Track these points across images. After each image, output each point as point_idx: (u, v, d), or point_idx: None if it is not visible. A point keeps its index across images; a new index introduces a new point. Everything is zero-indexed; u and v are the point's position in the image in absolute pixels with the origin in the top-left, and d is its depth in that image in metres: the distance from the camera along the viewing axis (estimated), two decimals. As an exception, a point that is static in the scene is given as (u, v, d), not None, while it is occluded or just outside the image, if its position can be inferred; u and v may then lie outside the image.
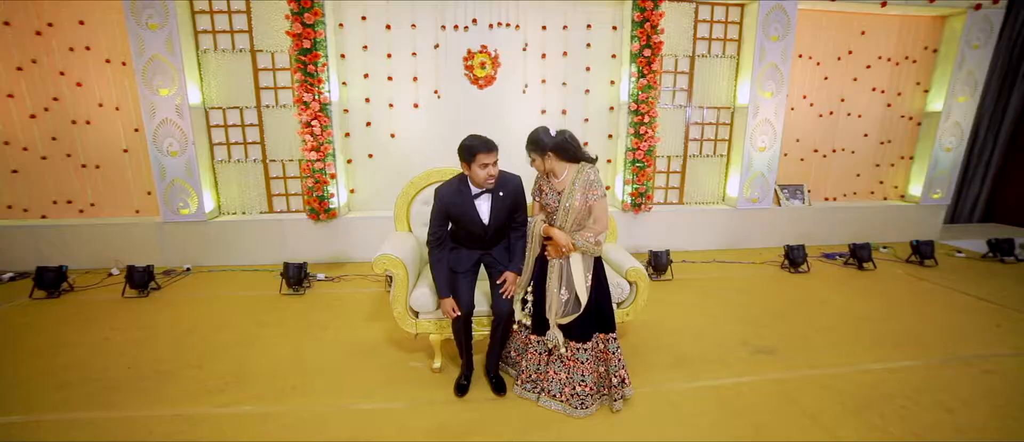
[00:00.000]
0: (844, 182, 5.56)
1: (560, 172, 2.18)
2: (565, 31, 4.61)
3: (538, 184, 2.30)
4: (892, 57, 5.24)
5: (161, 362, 2.70)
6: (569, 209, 2.14)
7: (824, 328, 3.22)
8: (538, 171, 2.25)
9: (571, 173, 2.17)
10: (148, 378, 2.54)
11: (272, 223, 4.38)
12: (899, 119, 5.44)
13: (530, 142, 2.16)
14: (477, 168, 2.12)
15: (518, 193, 2.33)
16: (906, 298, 3.81)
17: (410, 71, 4.44)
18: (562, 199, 2.16)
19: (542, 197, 2.26)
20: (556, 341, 2.24)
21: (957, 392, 2.50)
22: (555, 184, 2.21)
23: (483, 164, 2.11)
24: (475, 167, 2.12)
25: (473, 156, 2.11)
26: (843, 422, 2.22)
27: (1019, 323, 3.37)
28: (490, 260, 2.42)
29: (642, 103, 4.57)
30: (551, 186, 2.22)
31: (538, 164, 2.19)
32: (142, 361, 2.71)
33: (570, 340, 2.25)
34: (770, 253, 4.95)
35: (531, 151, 2.17)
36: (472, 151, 2.10)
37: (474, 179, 2.16)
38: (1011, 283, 4.20)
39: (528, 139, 2.17)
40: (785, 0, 4.58)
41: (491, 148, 2.11)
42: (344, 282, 4.00)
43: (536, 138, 2.14)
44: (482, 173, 2.12)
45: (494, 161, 2.13)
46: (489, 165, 2.11)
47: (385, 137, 4.55)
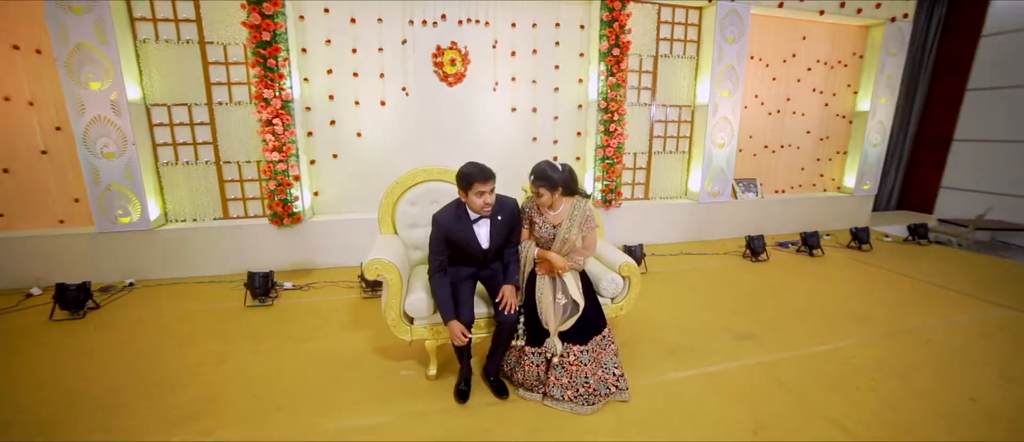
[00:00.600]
0: (791, 176, 6.00)
1: (558, 206, 2.28)
2: (534, 29, 4.61)
3: (529, 216, 2.35)
4: (828, 61, 5.72)
5: (114, 391, 2.39)
6: (566, 241, 2.27)
7: (792, 312, 3.45)
8: (538, 205, 2.30)
9: (568, 207, 2.27)
10: (100, 410, 2.24)
11: (229, 230, 4.03)
12: (835, 117, 5.95)
13: (540, 177, 2.18)
14: (474, 196, 2.12)
15: (515, 215, 2.34)
16: (852, 280, 4.17)
17: (376, 67, 4.26)
18: (559, 232, 2.26)
19: (535, 230, 2.33)
20: (555, 349, 2.23)
21: (908, 360, 2.76)
22: (550, 217, 2.30)
23: (479, 192, 2.11)
24: (472, 195, 2.12)
25: (470, 184, 2.10)
26: (826, 398, 2.38)
27: (939, 295, 3.80)
28: (487, 274, 2.39)
29: (611, 101, 4.67)
30: (545, 219, 2.30)
31: (546, 199, 2.23)
32: (88, 392, 2.38)
33: (571, 344, 2.26)
34: (731, 244, 5.24)
35: (540, 185, 2.19)
36: (469, 179, 2.10)
37: (471, 206, 2.18)
38: (928, 262, 4.73)
39: (537, 174, 2.20)
40: (739, 4, 4.85)
41: (488, 177, 2.11)
42: (314, 290, 3.76)
43: (545, 174, 2.18)
44: (479, 201, 2.13)
45: (491, 189, 2.13)
46: (485, 193, 2.11)
47: (351, 136, 4.33)
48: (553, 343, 2.22)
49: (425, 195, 2.77)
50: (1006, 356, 2.87)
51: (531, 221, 2.37)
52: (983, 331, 3.21)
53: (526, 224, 2.39)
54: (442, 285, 2.25)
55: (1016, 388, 2.52)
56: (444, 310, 2.21)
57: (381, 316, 3.25)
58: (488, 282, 2.39)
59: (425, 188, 2.76)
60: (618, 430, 2.13)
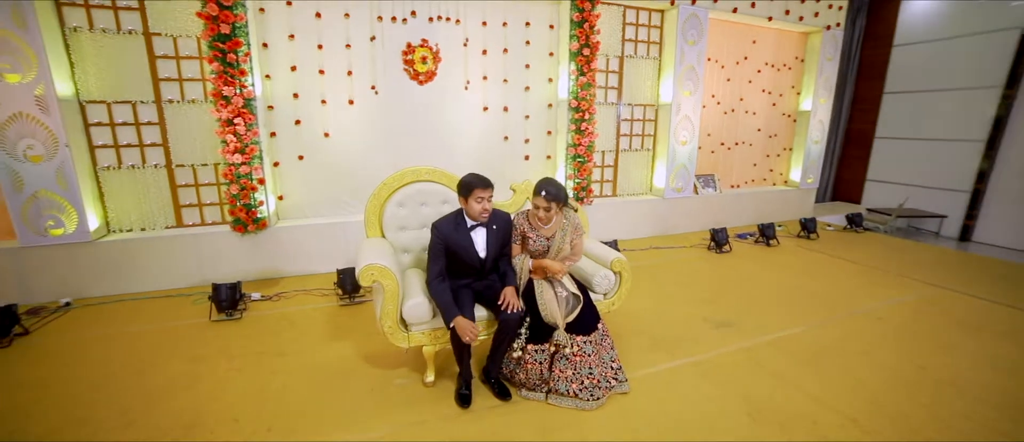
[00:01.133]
0: (745, 171, 6.39)
1: (552, 219, 2.41)
2: (505, 28, 4.60)
3: (521, 232, 2.46)
4: (775, 64, 6.14)
5: (58, 431, 2.09)
6: (559, 250, 2.43)
7: (761, 299, 3.67)
8: (540, 219, 2.40)
9: (559, 219, 2.45)
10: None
11: (186, 239, 3.70)
12: (782, 116, 6.40)
13: (554, 196, 2.31)
14: (473, 202, 2.27)
15: (508, 228, 2.46)
16: (807, 267, 4.51)
17: (344, 65, 4.07)
18: (553, 243, 2.43)
19: (529, 244, 2.45)
20: (563, 340, 2.26)
21: (866, 338, 3.03)
22: (543, 231, 2.44)
23: (479, 198, 2.26)
24: (472, 201, 2.27)
25: (470, 191, 2.26)
26: (804, 376, 2.56)
27: (880, 277, 4.21)
28: (485, 285, 2.41)
29: (582, 100, 4.75)
30: (538, 233, 2.43)
31: (552, 213, 2.35)
32: (22, 435, 2.07)
33: (576, 335, 2.30)
34: (695, 237, 5.49)
35: (552, 201, 2.32)
36: (470, 186, 2.26)
37: (470, 212, 2.30)
38: (865, 247, 5.23)
39: (550, 192, 2.31)
40: (699, 8, 5.09)
41: (488, 185, 2.28)
42: (286, 300, 3.54)
43: (558, 193, 2.33)
44: (478, 206, 2.27)
45: (489, 196, 2.28)
46: (484, 199, 2.27)
47: (317, 136, 4.11)
48: (561, 334, 2.26)
49: (414, 196, 2.68)
50: (939, 328, 3.22)
51: (524, 236, 2.48)
52: (919, 307, 3.58)
53: (518, 239, 2.50)
54: (443, 290, 2.26)
55: (953, 354, 2.84)
56: (448, 310, 2.20)
57: (364, 324, 3.13)
58: (486, 293, 2.38)
59: (414, 189, 2.67)
60: (624, 423, 2.17)
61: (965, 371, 2.67)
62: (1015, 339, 3.09)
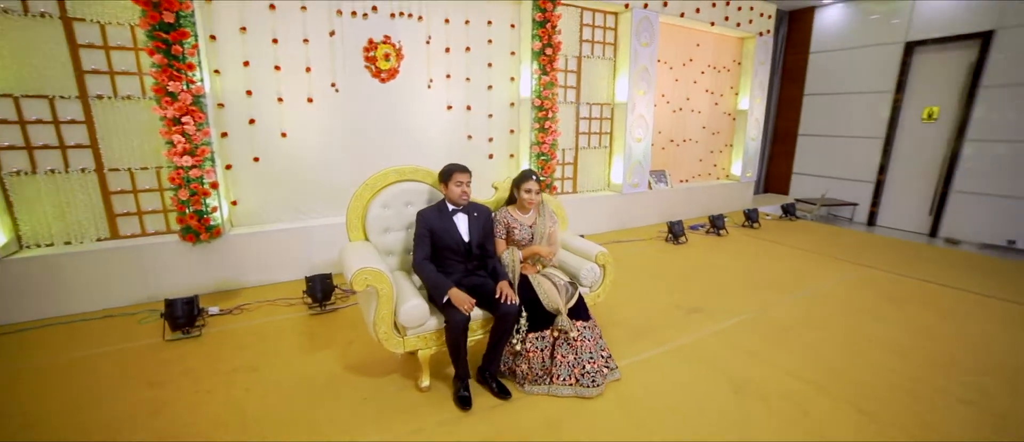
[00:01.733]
0: (691, 166, 6.81)
1: (540, 201, 2.64)
2: (467, 26, 4.56)
3: (506, 224, 2.58)
4: (716, 66, 6.60)
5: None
6: (543, 235, 2.62)
7: (722, 284, 3.94)
8: (533, 202, 2.57)
9: (537, 204, 2.65)
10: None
11: (125, 252, 3.31)
12: (723, 115, 6.89)
13: (537, 178, 2.57)
14: (453, 186, 2.41)
15: (488, 219, 2.58)
16: (756, 253, 4.91)
17: (301, 60, 3.83)
18: (537, 228, 2.63)
19: (515, 234, 2.58)
20: (567, 324, 2.33)
21: (819, 315, 3.36)
22: (524, 219, 2.61)
23: (458, 182, 2.41)
24: (451, 185, 2.41)
25: (450, 175, 2.42)
26: (774, 353, 2.79)
27: (819, 260, 4.68)
28: (476, 282, 2.41)
29: (546, 99, 4.83)
30: (520, 223, 2.58)
31: (539, 196, 2.60)
32: None
33: (576, 321, 2.38)
34: (652, 230, 5.77)
35: (538, 183, 2.57)
36: (449, 172, 2.43)
37: (450, 196, 2.44)
38: (801, 234, 5.78)
39: (537, 175, 2.57)
40: (650, 12, 5.36)
41: (465, 169, 2.44)
42: (249, 312, 3.27)
43: (539, 176, 2.61)
44: (457, 190, 2.41)
45: (467, 180, 2.43)
46: (463, 183, 2.42)
47: (274, 137, 3.84)
48: (565, 320, 2.33)
49: (399, 196, 2.59)
50: (872, 302, 3.64)
51: (508, 228, 2.58)
52: (852, 285, 4.02)
53: (503, 233, 2.58)
54: (431, 268, 2.34)
55: (888, 324, 3.23)
56: (439, 284, 2.25)
57: (342, 332, 2.99)
58: (478, 292, 2.37)
59: (399, 189, 2.59)
60: (623, 410, 2.24)
61: (901, 337, 3.04)
62: (932, 308, 3.56)
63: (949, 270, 4.51)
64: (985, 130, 5.69)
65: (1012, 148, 5.50)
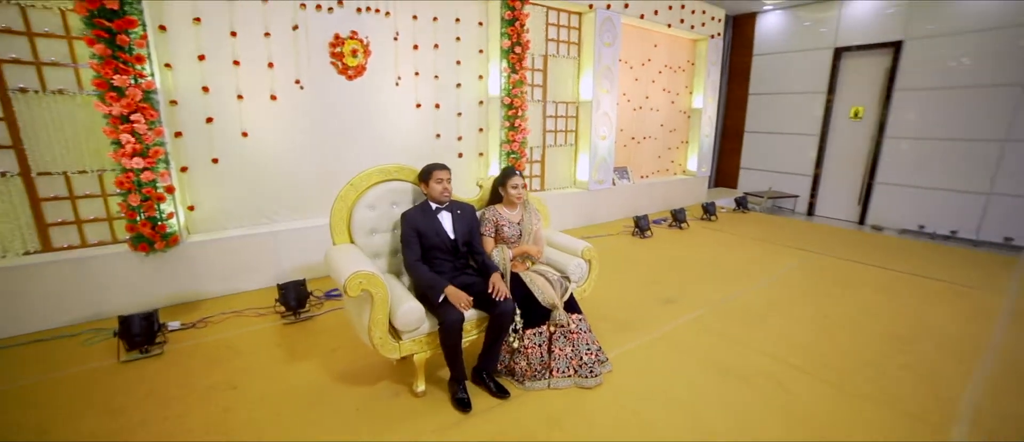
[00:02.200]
0: (651, 163, 7.08)
1: (525, 196, 2.68)
2: (435, 22, 4.48)
3: (494, 222, 2.59)
4: (672, 66, 6.90)
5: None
6: (530, 231, 2.67)
7: (691, 275, 4.14)
8: (520, 197, 2.60)
9: (523, 200, 2.68)
10: None
11: (63, 266, 2.96)
12: (679, 113, 7.22)
13: (522, 174, 2.67)
14: (434, 183, 2.40)
15: (473, 217, 2.58)
16: (718, 244, 5.19)
17: (263, 55, 3.60)
18: (524, 225, 2.67)
19: (503, 232, 2.60)
20: (564, 318, 2.38)
21: (782, 299, 3.62)
22: (512, 216, 2.64)
23: (438, 179, 2.40)
24: (432, 183, 2.41)
25: (429, 174, 2.42)
26: (748, 336, 2.97)
27: (775, 249, 5.04)
28: (467, 281, 2.39)
29: (515, 97, 4.84)
30: (509, 220, 2.61)
31: (523, 192, 2.64)
32: None
33: (571, 314, 2.44)
34: (618, 225, 5.95)
35: (521, 177, 2.64)
36: (429, 170, 2.43)
37: (431, 194, 2.43)
38: (754, 225, 6.18)
39: (520, 172, 2.73)
40: (613, 13, 5.51)
41: (444, 167, 2.44)
42: (215, 325, 3.04)
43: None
44: (438, 187, 2.40)
45: (447, 177, 2.43)
46: (444, 180, 2.41)
47: (234, 136, 3.59)
48: (561, 314, 2.38)
49: (385, 197, 2.51)
50: (823, 284, 3.97)
51: (497, 226, 2.59)
52: (805, 270, 4.36)
53: (491, 232, 2.59)
54: (424, 268, 2.30)
55: (842, 304, 3.52)
56: (434, 283, 2.23)
57: (322, 340, 2.86)
58: (471, 290, 2.33)
59: (384, 189, 2.51)
60: (621, 400, 2.31)
61: (851, 315, 3.34)
62: (871, 287, 3.93)
63: (879, 253, 5.00)
64: (899, 128, 6.35)
65: (919, 144, 6.18)
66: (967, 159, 5.86)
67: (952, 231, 6.01)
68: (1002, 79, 5.54)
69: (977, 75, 5.70)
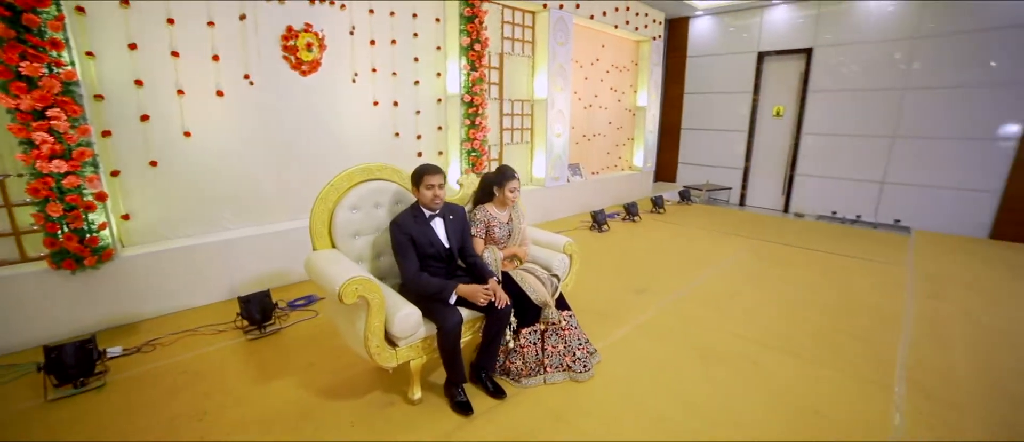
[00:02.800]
0: (601, 159, 7.34)
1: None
2: (392, 17, 4.32)
3: (486, 224, 2.56)
4: (618, 66, 7.19)
5: None
6: (519, 231, 2.66)
7: (655, 265, 4.35)
8: (513, 201, 2.60)
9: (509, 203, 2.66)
10: None
11: (-35, 291, 2.49)
12: (625, 111, 7.54)
13: (517, 177, 2.61)
14: (424, 189, 2.24)
15: (465, 220, 2.48)
16: (670, 235, 5.50)
17: (206, 46, 3.26)
18: (512, 226, 2.65)
19: (494, 233, 2.57)
20: (556, 316, 2.42)
21: (736, 282, 3.91)
22: (502, 217, 2.61)
23: (429, 185, 2.23)
24: (423, 188, 2.24)
25: (420, 178, 2.24)
26: (719, 319, 3.19)
27: (723, 237, 5.44)
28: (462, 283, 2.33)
29: (476, 95, 4.80)
30: (499, 221, 2.58)
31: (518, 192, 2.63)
32: None
33: (562, 311, 2.48)
34: (575, 220, 6.11)
35: (518, 181, 2.62)
36: (420, 173, 2.25)
37: (422, 200, 2.27)
38: (700, 216, 6.64)
39: (516, 174, 2.61)
40: (565, 13, 5.63)
41: (436, 170, 2.27)
42: (165, 348, 2.71)
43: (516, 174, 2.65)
44: (428, 193, 2.24)
45: (439, 183, 2.26)
46: (434, 186, 2.24)
47: (175, 136, 3.21)
48: (553, 311, 2.41)
49: (368, 197, 2.38)
50: (769, 267, 4.35)
51: (487, 228, 2.57)
52: (752, 255, 4.75)
53: (482, 233, 2.56)
54: (427, 277, 2.21)
55: (789, 284, 3.88)
56: (442, 286, 2.17)
57: (297, 354, 2.67)
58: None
59: (367, 189, 2.38)
60: (615, 388, 2.38)
61: (799, 294, 3.70)
62: (809, 268, 4.38)
63: (805, 237, 5.58)
64: (813, 125, 7.12)
65: (829, 140, 6.98)
66: (865, 153, 6.71)
67: (857, 216, 6.85)
68: (886, 84, 6.41)
69: (867, 80, 6.55)
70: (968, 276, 4.30)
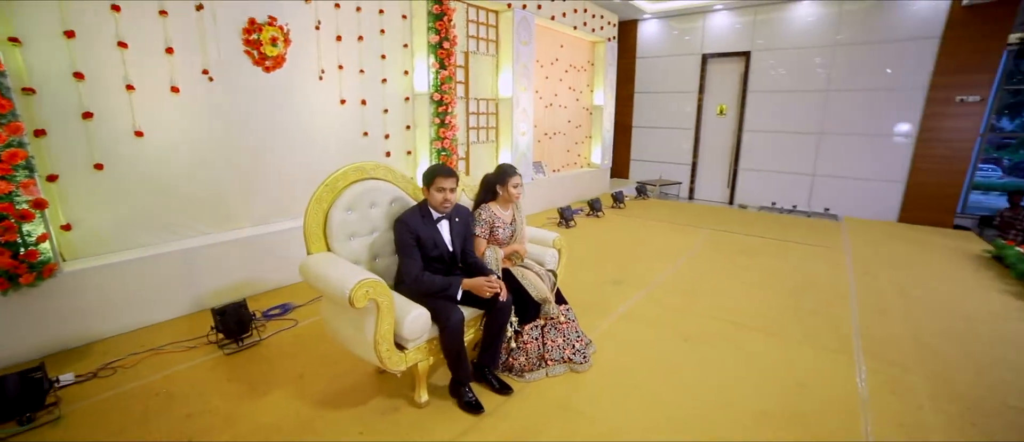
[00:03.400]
0: (562, 157, 7.49)
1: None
2: (359, 13, 4.16)
3: (490, 224, 2.54)
4: (576, 65, 7.38)
5: None
6: (520, 229, 2.67)
7: (626, 258, 4.52)
8: (517, 197, 2.60)
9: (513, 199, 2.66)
10: None
11: None
12: (582, 110, 7.75)
13: (519, 174, 2.61)
14: (434, 191, 2.19)
15: (469, 220, 2.45)
16: (634, 229, 5.74)
17: (158, 38, 2.97)
18: (515, 225, 2.65)
19: (497, 233, 2.54)
20: (556, 311, 2.46)
21: (703, 270, 4.17)
22: (505, 216, 2.60)
23: (440, 187, 2.18)
24: (433, 190, 2.20)
25: (432, 179, 2.19)
26: (694, 304, 3.38)
27: (684, 229, 5.75)
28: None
29: (445, 94, 4.74)
30: (503, 221, 2.58)
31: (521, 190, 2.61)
32: None
33: (560, 305, 2.53)
34: (542, 216, 6.19)
35: (520, 175, 2.61)
36: (432, 174, 2.20)
37: (432, 202, 2.23)
38: (659, 209, 6.98)
39: (519, 172, 2.62)
40: (528, 13, 5.70)
41: (450, 173, 2.22)
42: (127, 370, 2.44)
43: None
44: (439, 196, 2.19)
45: (451, 187, 2.20)
46: (446, 189, 2.19)
47: (125, 136, 2.90)
48: (553, 307, 2.44)
49: (363, 198, 2.29)
50: (730, 254, 4.68)
51: (491, 228, 2.54)
52: (711, 244, 5.07)
53: (486, 233, 2.53)
54: (431, 276, 2.15)
55: (751, 270, 4.19)
56: (447, 283, 2.14)
57: (285, 366, 2.53)
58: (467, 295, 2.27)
59: (362, 189, 2.28)
60: (614, 375, 2.47)
61: (761, 278, 4.00)
62: (765, 254, 4.74)
63: (753, 226, 6.04)
64: (753, 123, 7.72)
65: (767, 136, 7.61)
66: (798, 148, 7.38)
67: (793, 205, 7.51)
68: (812, 86, 7.10)
69: (797, 82, 7.22)
70: (891, 255, 4.87)
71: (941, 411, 2.24)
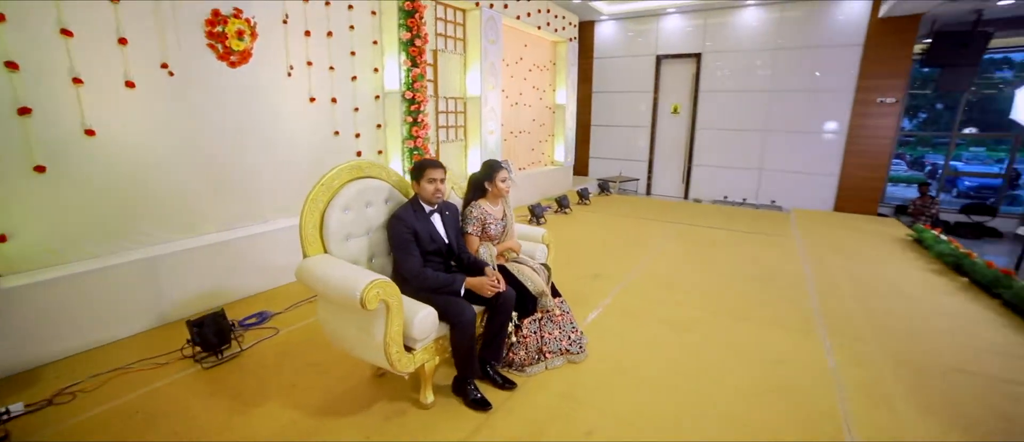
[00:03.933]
0: (527, 155, 7.57)
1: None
2: (328, 8, 4.00)
3: (481, 221, 2.54)
4: (539, 65, 7.47)
5: None
6: (511, 225, 2.71)
7: (599, 252, 4.66)
8: (506, 192, 2.63)
9: (504, 195, 2.69)
10: None
11: None
12: (546, 109, 7.86)
13: (505, 168, 2.63)
14: (425, 183, 2.23)
15: (458, 214, 2.50)
16: (602, 223, 5.91)
17: (110, 27, 2.70)
18: (506, 220, 2.68)
19: (490, 229, 2.56)
20: (553, 304, 2.52)
21: (674, 261, 4.38)
22: (496, 212, 2.61)
23: (431, 178, 2.22)
24: (424, 182, 2.23)
25: (422, 172, 2.23)
26: (672, 295, 3.55)
27: (649, 224, 5.99)
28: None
29: (417, 92, 4.66)
30: (494, 217, 2.60)
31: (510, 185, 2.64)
32: None
33: (555, 298, 2.60)
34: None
35: (508, 169, 2.63)
36: (422, 167, 2.25)
37: (423, 194, 2.26)
38: (622, 205, 7.22)
39: (506, 166, 2.64)
40: (495, 13, 5.71)
41: (439, 165, 2.28)
42: (89, 394, 2.21)
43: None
44: (430, 187, 2.23)
45: (441, 178, 2.25)
46: (437, 180, 2.23)
47: (73, 135, 2.61)
48: (549, 300, 2.50)
49: (358, 197, 2.22)
50: (696, 246, 4.94)
51: (483, 225, 2.54)
52: (677, 237, 5.33)
53: (478, 231, 2.53)
54: (432, 272, 2.17)
55: (720, 260, 4.45)
56: (449, 280, 2.15)
57: (272, 377, 2.41)
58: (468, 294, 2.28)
59: (357, 188, 2.21)
60: (611, 364, 2.55)
61: (726, 267, 4.26)
62: (724, 244, 5.05)
63: (710, 218, 6.41)
64: (705, 121, 8.19)
65: (718, 134, 8.10)
66: (746, 145, 7.91)
67: (743, 198, 8.04)
68: (757, 86, 7.64)
69: (743, 82, 7.74)
70: (834, 241, 5.34)
71: (900, 379, 2.50)
